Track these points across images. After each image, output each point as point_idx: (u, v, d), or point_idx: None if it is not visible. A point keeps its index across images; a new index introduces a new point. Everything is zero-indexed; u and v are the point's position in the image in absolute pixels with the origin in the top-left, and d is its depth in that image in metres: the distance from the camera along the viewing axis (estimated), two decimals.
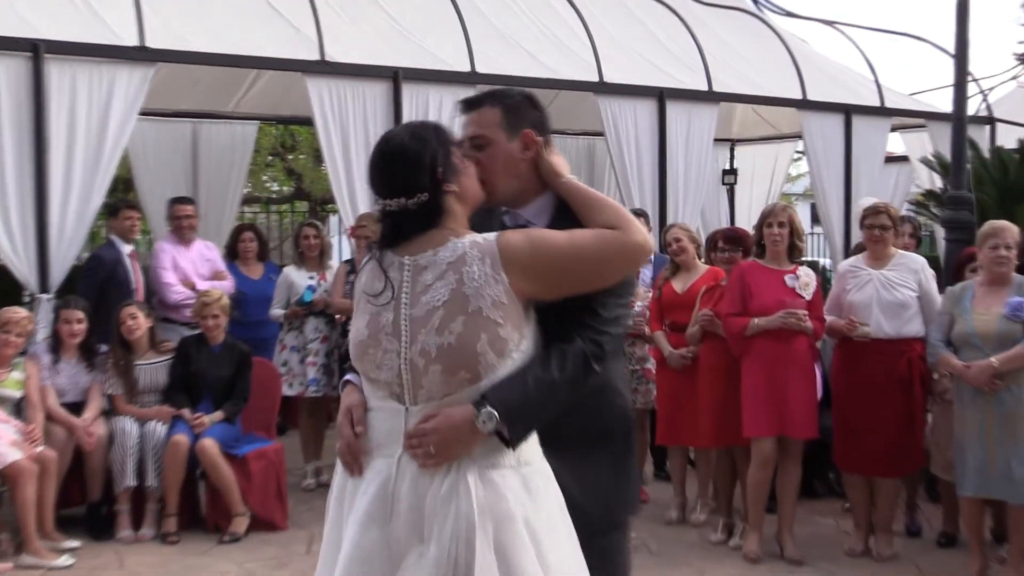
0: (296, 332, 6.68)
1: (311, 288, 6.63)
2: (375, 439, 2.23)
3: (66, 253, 6.05)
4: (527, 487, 2.15)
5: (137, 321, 5.79)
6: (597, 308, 2.26)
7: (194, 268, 6.78)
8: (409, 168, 2.21)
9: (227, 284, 6.77)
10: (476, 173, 2.33)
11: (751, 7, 10.52)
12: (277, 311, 6.73)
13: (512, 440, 2.13)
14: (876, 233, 5.22)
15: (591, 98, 8.05)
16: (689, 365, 5.65)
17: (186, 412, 5.70)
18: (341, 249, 13.01)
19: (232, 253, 7.39)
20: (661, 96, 8.11)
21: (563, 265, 2.18)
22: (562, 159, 2.45)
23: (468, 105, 2.45)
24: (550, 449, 2.27)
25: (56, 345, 5.75)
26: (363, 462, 2.23)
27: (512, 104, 2.42)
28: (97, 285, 6.27)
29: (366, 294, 2.26)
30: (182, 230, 6.85)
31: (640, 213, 7.28)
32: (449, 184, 2.22)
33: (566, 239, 2.20)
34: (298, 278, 6.75)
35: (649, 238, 2.25)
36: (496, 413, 2.08)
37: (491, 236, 2.18)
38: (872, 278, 5.19)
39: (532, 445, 2.21)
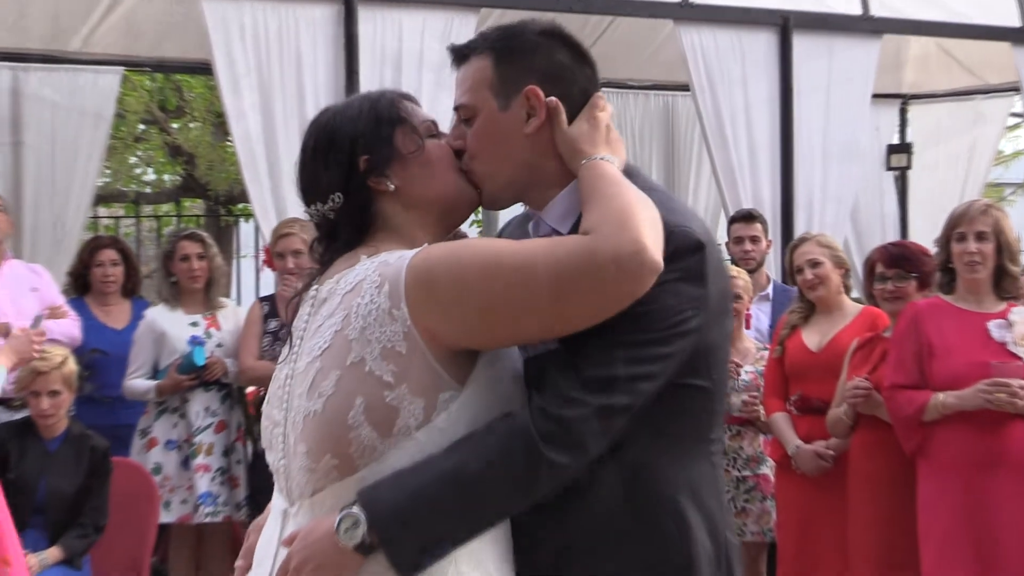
0: (174, 417, 6.64)
1: (197, 341, 6.60)
2: (258, 551, 2.45)
3: None
4: None
5: None
6: (579, 362, 2.27)
7: (10, 300, 6.74)
8: (321, 157, 2.40)
9: (68, 325, 6.70)
10: (449, 160, 2.45)
11: None
12: (139, 383, 6.63)
13: (396, 561, 2.21)
14: None
15: (670, 28, 8.15)
16: (831, 469, 5.66)
17: None
18: (258, 279, 13.07)
19: (81, 284, 7.40)
20: (785, 25, 8.19)
21: (494, 297, 2.21)
22: (604, 128, 2.46)
23: (456, 57, 2.55)
24: None
25: None
26: None
27: (508, 49, 2.48)
28: None
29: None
30: None
31: (751, 217, 7.30)
32: (379, 180, 2.37)
33: (510, 255, 2.23)
34: (172, 325, 6.71)
35: (647, 245, 2.17)
36: (363, 516, 2.18)
37: (409, 253, 2.30)
38: None
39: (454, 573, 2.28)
